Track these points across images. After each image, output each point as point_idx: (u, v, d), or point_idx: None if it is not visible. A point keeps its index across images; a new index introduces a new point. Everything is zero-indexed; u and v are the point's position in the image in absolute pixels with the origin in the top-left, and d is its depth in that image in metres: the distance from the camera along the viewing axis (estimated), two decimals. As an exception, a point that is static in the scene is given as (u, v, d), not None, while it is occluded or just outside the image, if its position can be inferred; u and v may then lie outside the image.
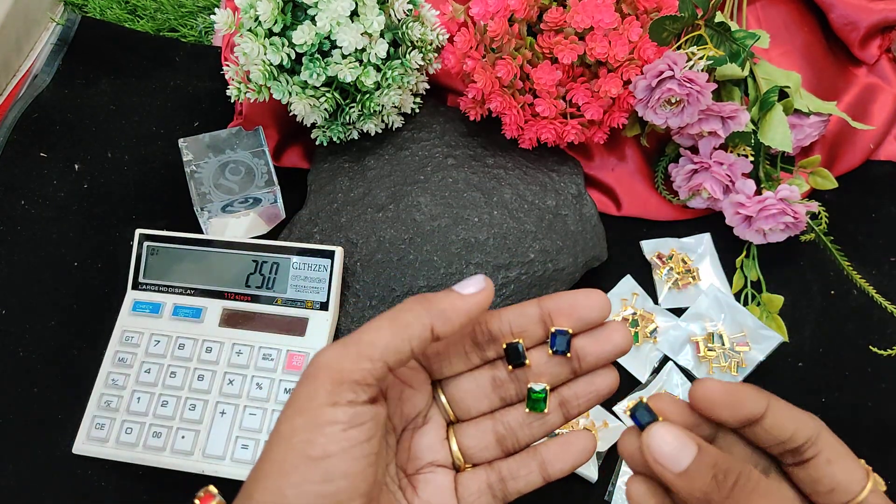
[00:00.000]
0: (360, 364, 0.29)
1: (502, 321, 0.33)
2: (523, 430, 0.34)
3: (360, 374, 0.29)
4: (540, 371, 0.33)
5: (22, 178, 0.61)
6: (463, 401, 0.34)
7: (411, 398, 0.33)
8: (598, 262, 0.58)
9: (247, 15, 0.52)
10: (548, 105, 0.56)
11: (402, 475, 0.33)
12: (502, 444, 0.34)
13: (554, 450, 0.34)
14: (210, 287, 0.53)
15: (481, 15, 0.54)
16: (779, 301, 0.57)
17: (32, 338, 0.55)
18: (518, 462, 0.34)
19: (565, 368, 0.33)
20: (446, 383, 0.35)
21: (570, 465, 0.34)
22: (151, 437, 0.49)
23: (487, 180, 0.58)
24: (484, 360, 0.34)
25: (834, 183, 0.59)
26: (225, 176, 0.56)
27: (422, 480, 0.33)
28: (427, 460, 0.34)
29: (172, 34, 0.69)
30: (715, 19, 0.56)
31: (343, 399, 0.28)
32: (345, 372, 0.29)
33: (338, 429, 0.28)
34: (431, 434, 0.34)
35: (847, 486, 0.28)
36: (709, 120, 0.55)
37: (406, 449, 0.34)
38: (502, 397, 0.34)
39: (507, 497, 0.34)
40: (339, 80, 0.53)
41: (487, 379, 0.34)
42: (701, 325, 0.57)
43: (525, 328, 0.33)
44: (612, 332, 0.33)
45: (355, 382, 0.29)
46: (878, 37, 0.67)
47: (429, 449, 0.34)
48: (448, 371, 0.34)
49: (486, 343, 0.34)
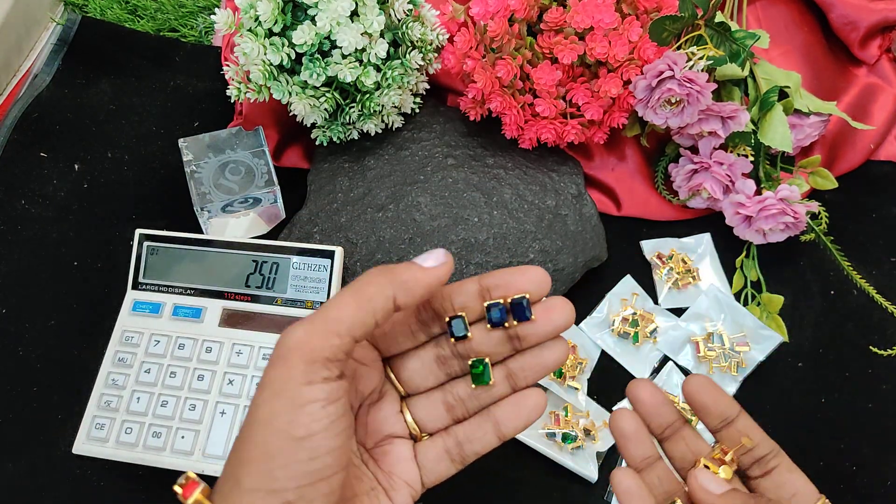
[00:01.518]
0: (330, 341, 0.29)
1: (444, 298, 0.34)
2: (472, 401, 0.35)
3: (331, 350, 0.29)
4: (481, 346, 0.34)
5: (22, 178, 0.61)
6: (411, 379, 0.35)
7: (365, 375, 0.34)
8: (598, 262, 0.58)
9: (247, 15, 0.52)
10: (548, 105, 0.56)
11: (363, 450, 0.34)
12: (453, 414, 0.35)
13: (507, 409, 0.34)
14: (210, 287, 0.53)
15: (481, 15, 0.54)
16: (779, 301, 0.57)
17: (32, 338, 0.55)
18: (473, 425, 0.35)
19: (506, 346, 0.34)
20: (395, 361, 0.35)
21: (524, 423, 0.34)
22: (151, 437, 0.49)
23: (487, 180, 0.58)
24: (430, 336, 0.35)
25: (834, 183, 0.59)
26: (225, 176, 0.56)
27: (381, 452, 0.34)
28: (385, 433, 0.35)
29: (172, 34, 0.69)
30: (715, 19, 0.56)
31: (318, 377, 0.29)
32: (316, 350, 0.29)
33: (318, 406, 0.29)
34: (387, 408, 0.35)
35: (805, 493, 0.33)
36: (709, 120, 0.55)
37: (364, 424, 0.34)
38: (448, 373, 0.35)
39: (466, 459, 0.35)
40: (339, 80, 0.53)
41: (432, 357, 0.35)
42: (701, 325, 0.57)
43: (465, 305, 0.33)
44: (552, 311, 0.33)
45: (327, 359, 0.29)
46: (878, 37, 0.67)
47: (385, 422, 0.35)
48: (395, 349, 0.35)
49: (431, 320, 0.34)
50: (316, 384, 0.29)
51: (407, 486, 0.34)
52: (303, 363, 0.29)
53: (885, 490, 0.52)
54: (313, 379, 0.29)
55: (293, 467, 0.28)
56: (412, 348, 0.35)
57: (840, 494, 0.52)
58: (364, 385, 0.34)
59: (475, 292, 0.33)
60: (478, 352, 0.34)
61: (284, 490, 0.28)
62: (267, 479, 0.28)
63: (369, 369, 0.34)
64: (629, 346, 0.56)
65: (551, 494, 0.51)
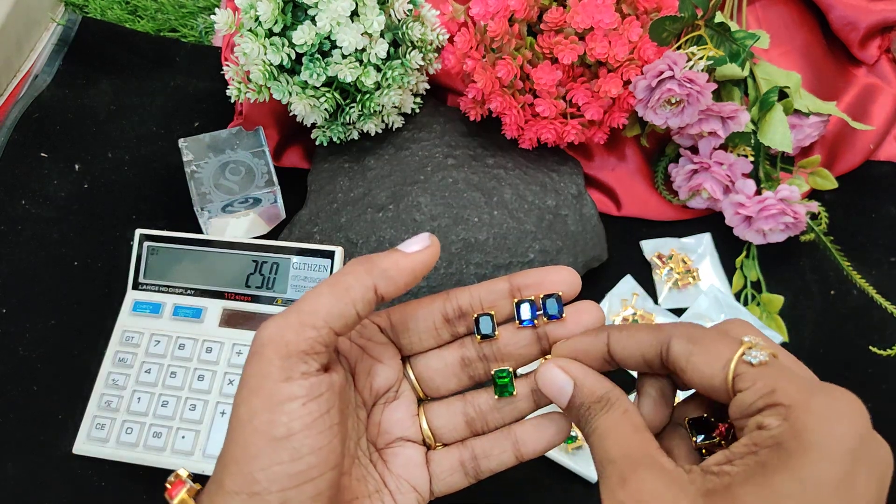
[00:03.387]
0: (305, 333, 0.28)
1: (472, 297, 0.33)
2: (493, 413, 0.34)
3: (307, 343, 0.28)
4: (508, 346, 0.33)
5: (22, 178, 0.61)
6: (432, 379, 0.34)
7: (381, 373, 0.33)
8: (598, 262, 0.58)
9: (247, 15, 0.52)
10: (548, 105, 0.56)
11: (373, 449, 0.33)
12: (472, 427, 0.34)
13: (529, 430, 0.33)
14: (210, 287, 0.53)
15: (481, 15, 0.54)
16: (779, 301, 0.57)
17: (32, 338, 0.55)
18: (491, 441, 0.34)
19: (534, 347, 0.33)
20: (415, 360, 0.34)
21: (545, 446, 0.33)
22: (152, 437, 0.49)
23: (487, 180, 0.58)
24: (454, 336, 0.34)
25: (834, 183, 0.59)
26: (225, 176, 0.56)
27: (391, 454, 0.33)
28: (397, 435, 0.34)
29: (173, 34, 0.69)
30: (715, 19, 0.56)
31: (296, 372, 0.28)
32: (291, 344, 0.28)
33: (297, 404, 0.28)
34: (402, 410, 0.34)
35: (713, 385, 0.27)
36: (709, 120, 0.56)
37: (376, 423, 0.34)
38: (471, 376, 0.34)
39: (479, 475, 0.34)
40: (339, 80, 0.53)
41: (456, 358, 0.34)
42: (701, 325, 0.57)
43: (495, 304, 0.33)
44: (582, 312, 0.32)
45: (303, 353, 0.28)
46: (878, 37, 0.67)
47: (399, 424, 0.34)
48: (418, 346, 0.34)
49: (457, 319, 0.33)
50: (295, 380, 0.28)
51: (414, 491, 0.33)
52: (278, 358, 0.28)
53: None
54: (291, 375, 0.28)
55: (275, 469, 0.27)
56: (434, 347, 0.34)
57: (840, 494, 0.52)
58: (378, 382, 0.33)
59: (505, 291, 0.33)
60: (504, 353, 0.33)
61: (267, 493, 0.27)
62: (248, 481, 0.27)
63: (384, 366, 0.33)
64: (629, 346, 0.56)
65: (551, 494, 0.51)
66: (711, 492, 0.25)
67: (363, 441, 0.33)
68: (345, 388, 0.31)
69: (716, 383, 0.26)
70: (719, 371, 0.26)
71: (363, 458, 0.33)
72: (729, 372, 0.26)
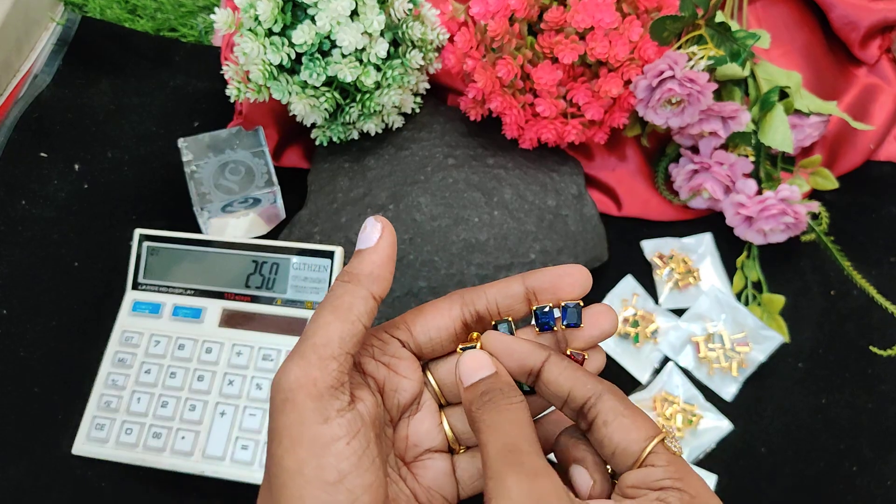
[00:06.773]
0: (328, 367, 0.28)
1: (488, 299, 0.33)
2: None
3: (332, 377, 0.28)
4: None
5: (22, 178, 0.61)
6: (454, 384, 0.34)
7: (406, 388, 0.33)
8: (598, 262, 0.58)
9: (247, 15, 0.52)
10: (548, 105, 0.56)
11: (402, 464, 0.33)
12: None
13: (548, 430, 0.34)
14: (210, 287, 0.53)
15: (481, 15, 0.54)
16: (779, 301, 0.57)
17: (33, 338, 0.55)
18: None
19: None
20: (435, 366, 0.34)
21: None
22: (151, 437, 0.49)
23: (488, 180, 0.58)
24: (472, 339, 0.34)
25: (835, 183, 0.59)
26: (225, 176, 0.56)
27: (421, 467, 0.33)
28: (425, 447, 0.34)
29: (172, 34, 0.69)
30: (715, 19, 0.56)
31: (332, 411, 0.28)
32: (319, 382, 0.28)
33: (342, 444, 0.27)
34: (427, 421, 0.34)
35: (626, 448, 0.28)
36: (709, 120, 0.55)
37: (403, 437, 0.33)
38: None
39: None
40: (339, 79, 0.53)
41: None
42: (701, 325, 0.57)
43: (511, 308, 0.33)
44: (599, 316, 0.32)
45: (332, 388, 0.28)
46: (879, 37, 0.67)
47: (427, 435, 0.34)
48: (439, 351, 0.34)
49: (474, 323, 0.34)
50: (333, 420, 0.28)
51: (445, 501, 0.33)
52: (311, 401, 0.27)
53: (885, 490, 0.52)
54: (329, 415, 0.28)
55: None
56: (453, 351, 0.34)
57: (840, 494, 0.52)
58: (405, 397, 0.33)
59: (521, 295, 0.33)
60: None
61: None
62: None
63: (408, 380, 0.33)
64: (630, 347, 0.56)
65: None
66: None
67: (391, 457, 0.33)
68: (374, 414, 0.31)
69: (631, 448, 0.28)
70: (641, 441, 0.28)
71: (393, 475, 0.32)
72: (649, 447, 0.28)
